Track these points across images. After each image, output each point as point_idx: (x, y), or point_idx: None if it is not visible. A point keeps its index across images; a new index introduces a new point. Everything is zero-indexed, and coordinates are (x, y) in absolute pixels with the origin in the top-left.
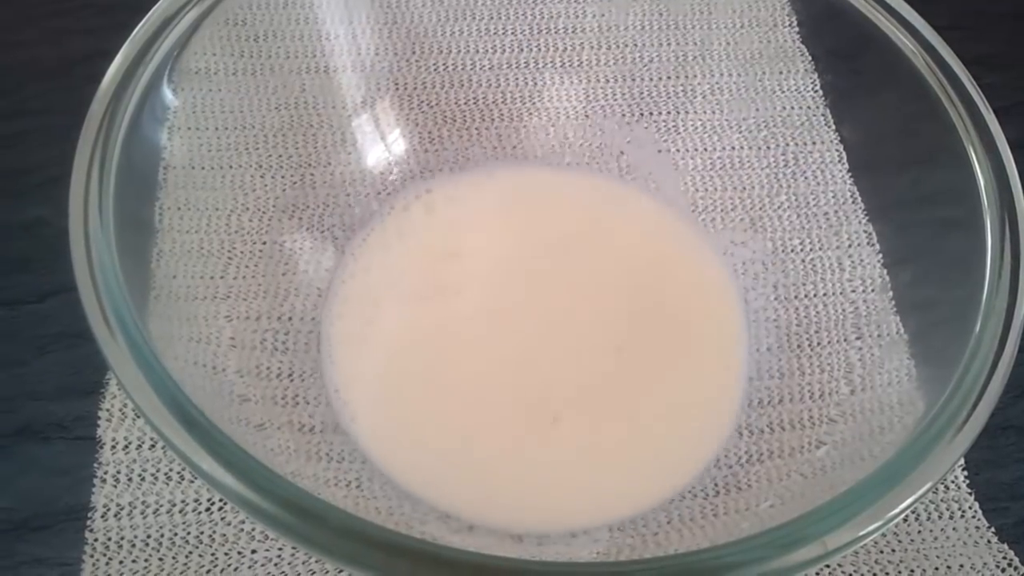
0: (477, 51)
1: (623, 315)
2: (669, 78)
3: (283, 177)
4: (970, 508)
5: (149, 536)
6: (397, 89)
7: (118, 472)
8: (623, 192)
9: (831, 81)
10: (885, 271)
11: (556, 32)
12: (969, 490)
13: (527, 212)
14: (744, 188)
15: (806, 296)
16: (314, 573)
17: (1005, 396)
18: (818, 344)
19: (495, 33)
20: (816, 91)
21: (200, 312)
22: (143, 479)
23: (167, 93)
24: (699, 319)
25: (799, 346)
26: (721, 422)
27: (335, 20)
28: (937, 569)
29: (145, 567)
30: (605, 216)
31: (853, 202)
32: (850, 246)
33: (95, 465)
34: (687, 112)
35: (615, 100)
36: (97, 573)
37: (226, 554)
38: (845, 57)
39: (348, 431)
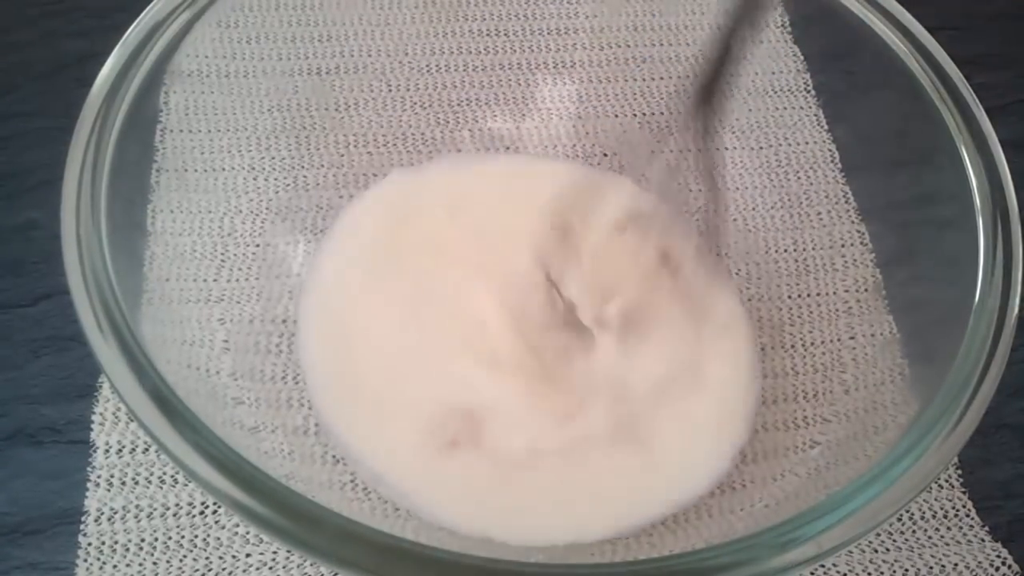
0: (469, 52)
1: (612, 315)
2: (662, 78)
3: (276, 179)
4: (964, 507)
5: (143, 540)
6: (390, 91)
7: (111, 476)
8: (613, 193)
9: (823, 81)
10: (878, 271)
11: (549, 33)
12: (963, 489)
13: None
14: (737, 188)
15: (799, 296)
16: None
17: (998, 395)
18: (811, 344)
19: (487, 34)
20: (808, 91)
21: (193, 315)
22: (136, 483)
23: (159, 95)
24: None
25: (792, 346)
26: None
27: (326, 22)
28: (931, 568)
29: (139, 571)
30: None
31: (845, 202)
32: (843, 246)
33: (88, 469)
34: (679, 113)
35: (608, 101)
36: None
37: (220, 558)
38: (837, 57)
39: (333, 433)
